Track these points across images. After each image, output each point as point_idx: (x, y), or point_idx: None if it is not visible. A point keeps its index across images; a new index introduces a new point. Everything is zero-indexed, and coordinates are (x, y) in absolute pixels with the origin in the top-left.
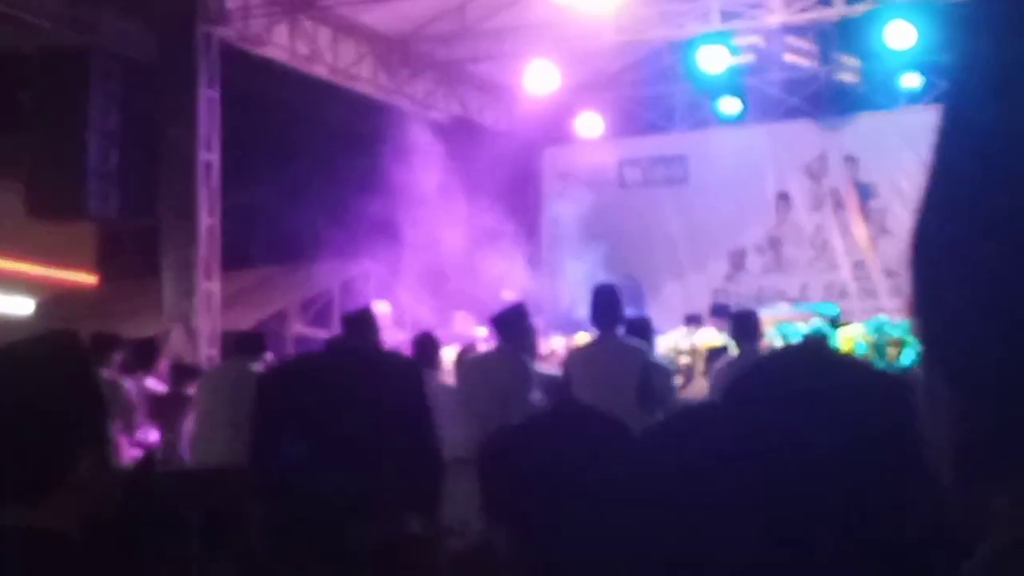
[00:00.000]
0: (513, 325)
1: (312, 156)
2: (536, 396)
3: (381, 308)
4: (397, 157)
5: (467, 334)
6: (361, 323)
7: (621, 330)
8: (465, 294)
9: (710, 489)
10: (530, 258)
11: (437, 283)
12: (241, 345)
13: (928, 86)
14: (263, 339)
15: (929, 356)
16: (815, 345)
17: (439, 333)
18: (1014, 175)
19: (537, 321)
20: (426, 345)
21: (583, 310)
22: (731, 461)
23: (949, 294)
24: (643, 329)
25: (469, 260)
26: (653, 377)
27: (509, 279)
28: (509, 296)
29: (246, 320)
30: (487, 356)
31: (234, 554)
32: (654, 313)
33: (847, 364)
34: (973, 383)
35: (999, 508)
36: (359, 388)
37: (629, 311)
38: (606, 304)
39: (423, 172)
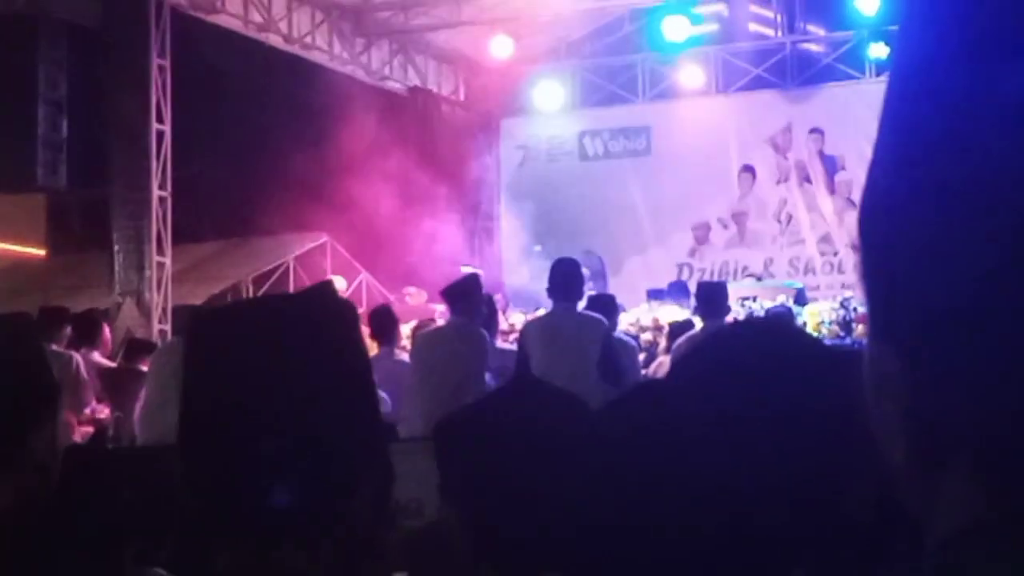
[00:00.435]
0: (466, 296)
1: (265, 127)
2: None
3: (337, 283)
4: (352, 129)
5: (420, 309)
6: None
7: (581, 305)
8: (421, 269)
9: (661, 467)
10: (488, 232)
11: (392, 257)
12: None
13: None
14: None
15: (875, 325)
16: (770, 320)
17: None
18: (977, 135)
19: (496, 297)
20: (383, 319)
21: (542, 286)
22: (678, 439)
23: (899, 257)
24: (607, 307)
25: (425, 234)
26: (615, 352)
27: (466, 253)
28: (468, 271)
29: (198, 295)
30: (442, 330)
31: (177, 532)
32: (616, 288)
33: (798, 339)
34: (926, 357)
35: (953, 491)
36: (284, 334)
37: (591, 289)
38: (565, 278)
39: (379, 144)
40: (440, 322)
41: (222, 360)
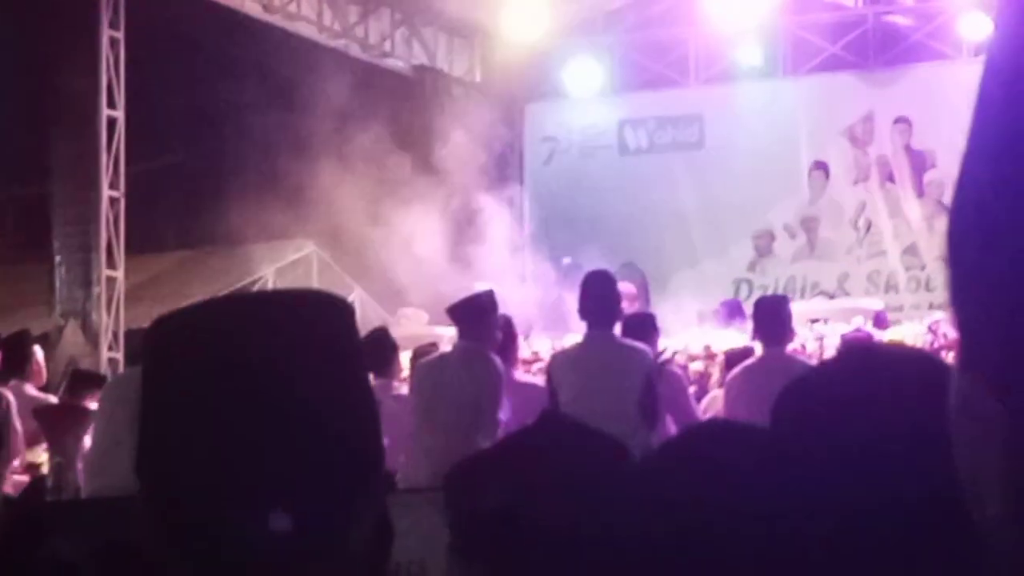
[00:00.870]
0: (478, 317)
1: (240, 115)
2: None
3: None
4: (345, 116)
5: (420, 334)
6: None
7: (617, 329)
8: (424, 285)
9: (726, 529)
10: (509, 241)
11: (390, 271)
12: None
13: None
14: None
15: (965, 354)
16: (863, 352)
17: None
18: None
19: (517, 319)
20: (380, 345)
21: (573, 306)
22: (756, 494)
23: (992, 271)
24: (643, 328)
25: (433, 244)
26: (660, 386)
27: (483, 267)
28: (482, 288)
29: (157, 316)
30: (446, 357)
31: None
32: (661, 309)
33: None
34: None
35: None
36: (267, 339)
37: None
38: (600, 296)
39: (377, 135)
40: (446, 348)
41: (190, 375)
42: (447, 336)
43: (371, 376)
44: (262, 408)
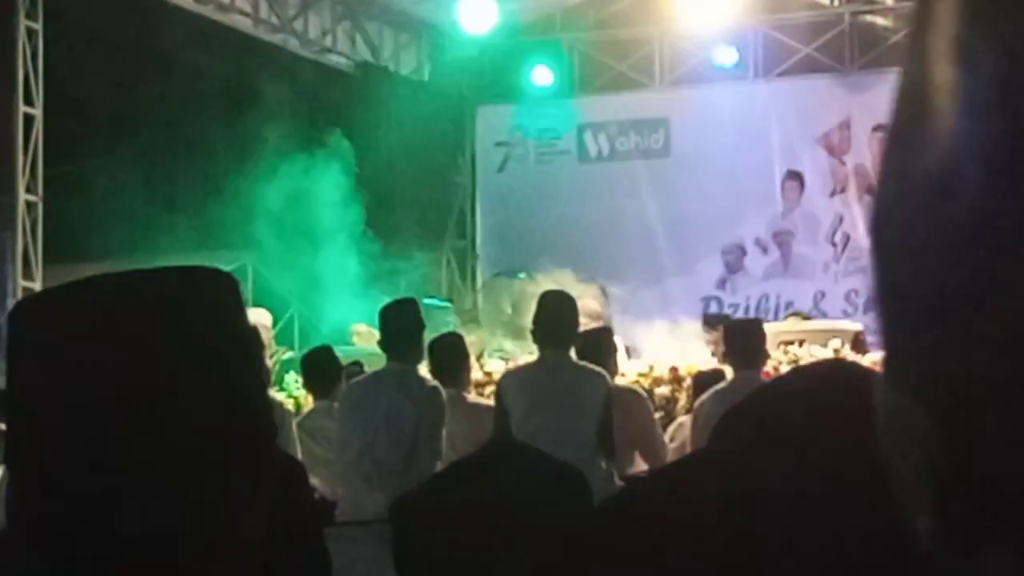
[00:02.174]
0: (406, 334)
1: (169, 114)
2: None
3: (258, 316)
4: (282, 116)
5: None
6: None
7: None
8: (370, 300)
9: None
10: (459, 253)
11: (334, 287)
12: None
13: None
14: None
15: (890, 365)
16: (832, 368)
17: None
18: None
19: (470, 340)
20: (320, 365)
21: (528, 323)
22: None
23: (914, 288)
24: (597, 346)
25: (378, 256)
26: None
27: (431, 282)
28: (433, 303)
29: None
30: (379, 377)
31: None
32: (624, 329)
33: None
34: (950, 406)
35: (995, 569)
36: (137, 320)
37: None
38: (555, 316)
39: (316, 137)
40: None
41: (60, 359)
42: None
43: (311, 394)
44: (136, 393)
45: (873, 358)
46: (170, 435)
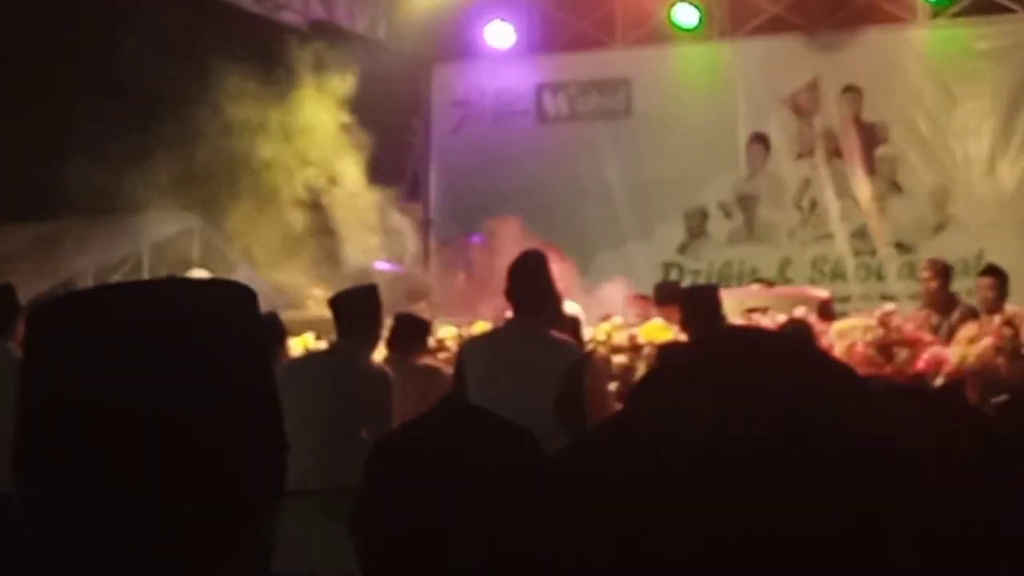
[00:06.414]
0: (359, 315)
1: (113, 68)
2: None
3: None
4: (233, 75)
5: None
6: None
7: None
8: (324, 265)
9: (629, 528)
10: (414, 217)
11: (285, 249)
12: None
13: None
14: (13, 302)
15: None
16: (772, 333)
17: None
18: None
19: (422, 307)
20: (272, 332)
21: (481, 291)
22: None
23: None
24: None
25: (330, 218)
26: (583, 381)
27: (385, 247)
28: (384, 268)
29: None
30: (317, 357)
31: None
32: (584, 295)
33: (809, 361)
34: None
35: None
36: (163, 327)
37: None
38: (532, 277)
39: (266, 97)
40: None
41: (78, 366)
42: None
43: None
44: (152, 404)
45: (839, 326)
46: (184, 443)
